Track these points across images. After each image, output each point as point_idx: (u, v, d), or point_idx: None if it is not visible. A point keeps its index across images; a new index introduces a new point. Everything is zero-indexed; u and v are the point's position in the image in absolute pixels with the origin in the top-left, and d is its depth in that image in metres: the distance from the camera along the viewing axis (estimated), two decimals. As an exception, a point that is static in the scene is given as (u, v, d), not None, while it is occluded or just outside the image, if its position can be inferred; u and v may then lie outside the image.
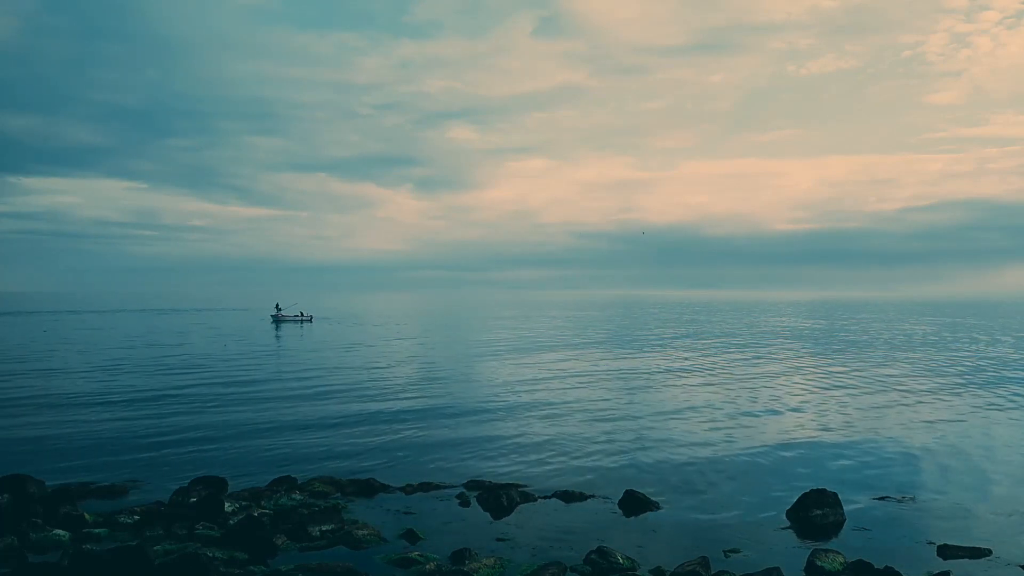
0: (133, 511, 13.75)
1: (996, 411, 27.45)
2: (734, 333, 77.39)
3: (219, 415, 25.54)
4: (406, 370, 40.51)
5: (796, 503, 14.53)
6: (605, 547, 11.96)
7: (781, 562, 11.62)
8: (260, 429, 23.10)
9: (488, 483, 16.56)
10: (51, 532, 12.48)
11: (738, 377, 37.81)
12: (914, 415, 26.44)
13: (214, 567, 10.85)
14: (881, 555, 12.02)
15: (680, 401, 29.58)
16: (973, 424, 24.78)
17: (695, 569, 11.07)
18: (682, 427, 23.99)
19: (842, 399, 30.13)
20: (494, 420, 25.12)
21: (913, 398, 30.52)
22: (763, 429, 23.66)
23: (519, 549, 12.52)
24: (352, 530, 13.01)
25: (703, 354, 51.77)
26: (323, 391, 31.69)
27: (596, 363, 45.09)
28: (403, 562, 11.68)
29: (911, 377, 38.00)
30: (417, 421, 24.72)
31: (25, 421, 24.14)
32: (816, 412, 26.91)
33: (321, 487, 15.89)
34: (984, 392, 32.50)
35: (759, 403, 28.98)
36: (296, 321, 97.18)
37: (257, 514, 13.58)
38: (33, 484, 14.77)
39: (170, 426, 23.42)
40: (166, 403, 28.01)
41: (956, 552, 12.39)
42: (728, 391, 32.44)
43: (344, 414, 25.94)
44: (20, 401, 28.33)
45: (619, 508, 15.08)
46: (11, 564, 10.97)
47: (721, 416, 26.00)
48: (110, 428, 23.00)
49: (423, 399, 29.67)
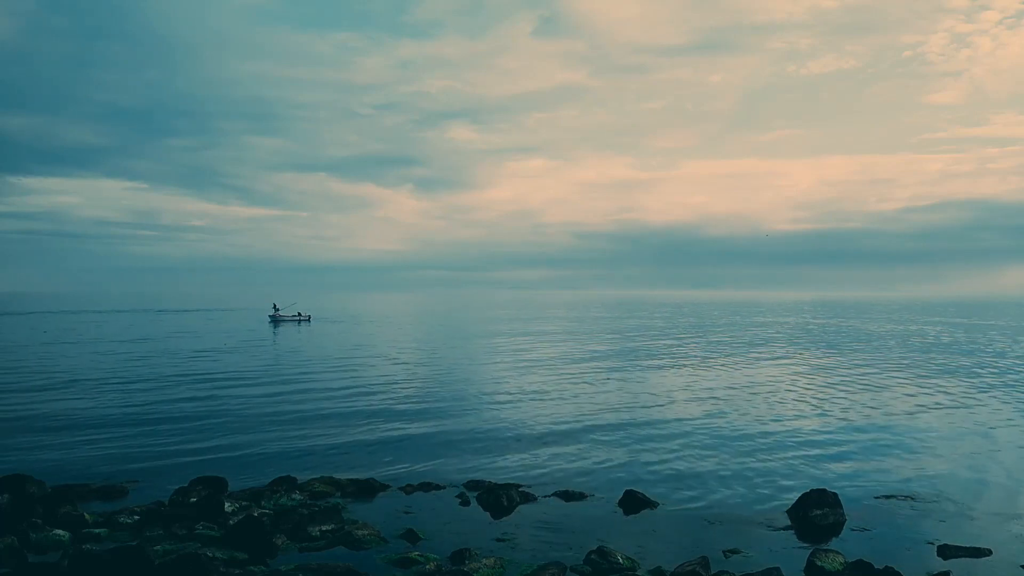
0: (133, 511, 13.74)
1: (997, 411, 27.44)
2: (734, 333, 77.37)
3: (219, 415, 25.53)
4: (406, 370, 40.49)
5: (796, 503, 14.53)
6: (605, 547, 11.96)
7: (781, 562, 11.62)
8: (260, 429, 23.10)
9: (488, 483, 16.56)
10: (51, 532, 12.48)
11: (738, 377, 37.79)
12: (914, 415, 26.43)
13: (214, 567, 10.85)
14: (881, 555, 12.03)
15: (680, 401, 29.57)
16: (974, 424, 24.77)
17: (695, 569, 11.07)
18: (682, 427, 23.98)
19: (842, 399, 30.11)
20: (494, 420, 25.11)
21: (914, 398, 30.51)
22: (763, 429, 23.65)
23: (519, 549, 12.52)
24: (352, 530, 13.00)
25: (703, 354, 51.75)
26: (322, 391, 31.68)
27: (595, 363, 45.08)
28: (403, 562, 11.68)
29: (912, 377, 37.98)
30: (417, 421, 24.71)
31: (26, 422, 24.13)
32: (816, 412, 26.90)
33: (321, 487, 15.89)
34: (985, 392, 32.48)
35: (759, 403, 28.96)
36: (294, 321, 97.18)
37: (257, 514, 13.57)
38: (33, 484, 14.78)
39: (170, 426, 23.41)
40: (166, 403, 28.00)
41: (956, 552, 12.39)
42: (728, 391, 32.42)
43: (344, 414, 25.93)
44: (20, 401, 28.31)
45: (619, 508, 15.08)
46: (11, 564, 10.97)
47: (721, 416, 25.98)
48: (110, 428, 22.99)
49: (423, 399, 29.66)
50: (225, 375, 37.36)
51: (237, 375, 37.40)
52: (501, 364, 44.43)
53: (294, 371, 39.49)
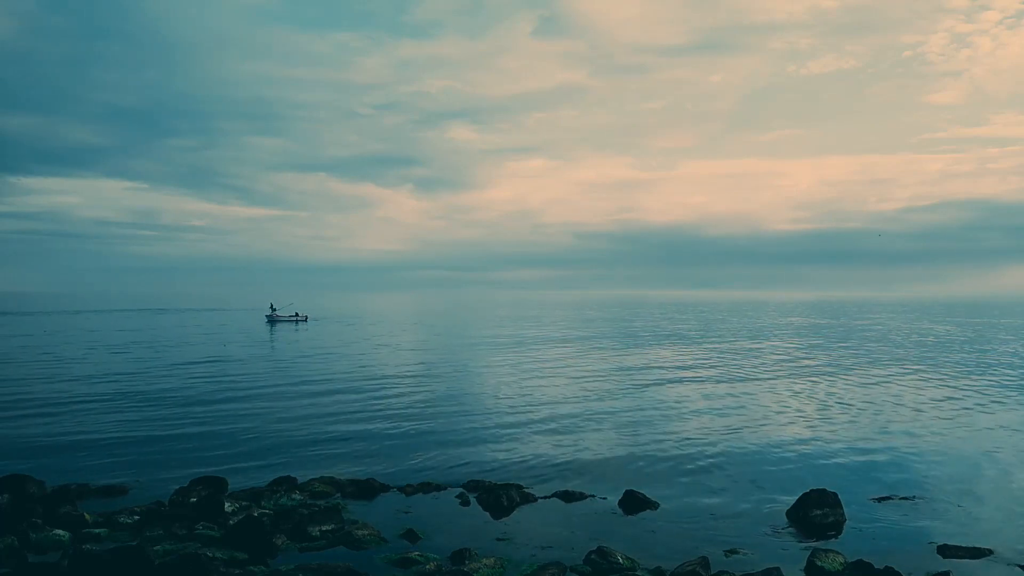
0: (133, 511, 13.74)
1: (997, 411, 27.43)
2: (734, 333, 77.36)
3: (219, 415, 25.53)
4: (405, 370, 40.48)
5: (796, 503, 14.53)
6: (605, 547, 11.96)
7: (781, 562, 11.62)
8: (260, 429, 23.09)
9: (488, 483, 16.55)
10: (51, 532, 12.47)
11: (739, 377, 37.79)
12: (914, 415, 26.43)
13: (214, 567, 10.85)
14: (881, 555, 12.02)
15: (680, 401, 29.57)
16: (974, 424, 24.76)
17: (695, 569, 11.07)
18: (682, 427, 23.98)
19: (843, 399, 30.11)
20: (494, 420, 25.11)
21: (915, 398, 30.51)
22: (763, 429, 23.65)
23: (519, 549, 12.51)
24: (352, 530, 13.00)
25: (703, 354, 51.74)
26: (322, 391, 31.67)
27: (595, 363, 45.08)
28: (403, 562, 11.68)
29: (912, 377, 37.98)
30: (417, 421, 24.71)
31: (25, 421, 24.13)
32: (817, 412, 26.90)
33: (321, 487, 15.89)
34: (985, 392, 32.48)
35: (759, 403, 28.96)
36: (291, 321, 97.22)
37: (257, 514, 13.57)
38: (33, 484, 14.79)
39: (170, 426, 23.42)
40: (166, 403, 28.00)
41: (956, 552, 12.39)
42: (728, 391, 32.42)
43: (343, 414, 25.92)
44: (20, 401, 28.30)
45: (619, 508, 15.07)
46: (11, 564, 10.97)
47: (721, 416, 25.99)
48: (110, 428, 22.99)
49: (422, 399, 29.65)
50: (225, 375, 37.35)
51: (236, 375, 37.39)
52: (501, 364, 44.42)
53: (293, 371, 39.48)
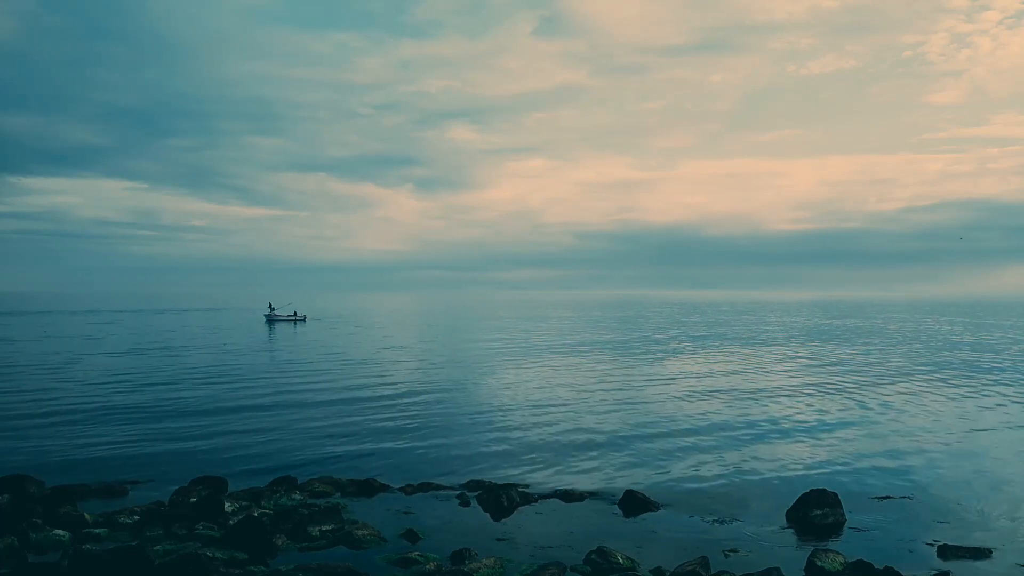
0: (133, 511, 13.73)
1: (998, 411, 27.43)
2: (734, 333, 77.37)
3: (218, 415, 25.52)
4: (405, 370, 40.49)
5: (796, 503, 14.52)
6: (605, 547, 11.95)
7: (781, 562, 11.61)
8: (260, 429, 23.09)
9: (488, 483, 16.55)
10: (51, 532, 12.47)
11: (738, 377, 37.79)
12: (916, 415, 26.43)
13: (214, 567, 10.84)
14: (881, 555, 12.01)
15: (679, 401, 29.56)
16: (975, 424, 24.76)
17: (695, 569, 11.07)
18: (682, 427, 23.97)
19: (843, 399, 30.11)
20: (494, 420, 25.10)
21: (915, 397, 30.51)
22: (763, 429, 23.64)
23: (519, 549, 12.51)
24: (352, 530, 13.00)
25: (703, 354, 51.75)
26: (321, 391, 31.67)
27: (596, 363, 45.08)
28: (403, 562, 11.67)
29: (913, 377, 37.97)
30: (417, 421, 24.70)
31: (25, 421, 24.12)
32: (816, 412, 26.90)
33: (321, 487, 15.89)
34: (986, 392, 32.48)
35: (759, 403, 28.96)
36: (289, 321, 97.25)
37: (257, 514, 13.56)
38: (33, 484, 14.79)
39: (170, 426, 23.42)
40: (165, 403, 27.99)
41: (956, 552, 12.38)
42: (728, 391, 32.42)
43: (343, 414, 25.92)
44: (20, 401, 28.30)
45: (619, 508, 15.07)
46: (11, 564, 10.96)
47: (721, 416, 25.98)
48: (110, 428, 22.99)
49: (422, 399, 29.65)
50: (224, 375, 37.35)
51: (236, 375, 37.40)
52: (501, 364, 44.42)
53: (292, 371, 39.48)
